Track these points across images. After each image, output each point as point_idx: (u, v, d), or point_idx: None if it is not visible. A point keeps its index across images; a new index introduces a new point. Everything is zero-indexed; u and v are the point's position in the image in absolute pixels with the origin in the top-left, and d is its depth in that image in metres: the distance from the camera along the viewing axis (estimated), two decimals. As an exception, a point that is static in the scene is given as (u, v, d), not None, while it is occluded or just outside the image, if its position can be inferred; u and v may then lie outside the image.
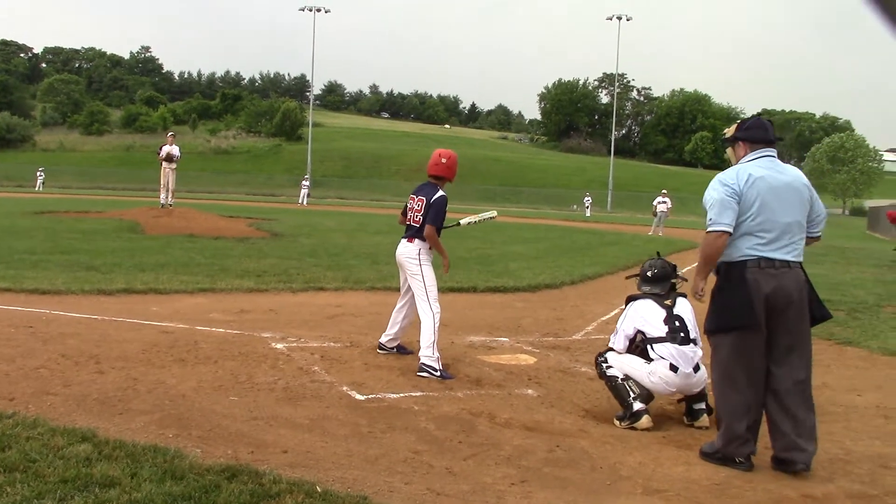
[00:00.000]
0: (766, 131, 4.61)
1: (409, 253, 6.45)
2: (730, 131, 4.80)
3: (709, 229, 4.44)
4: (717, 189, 4.43)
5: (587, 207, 57.26)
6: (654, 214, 32.13)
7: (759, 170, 4.43)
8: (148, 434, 4.23)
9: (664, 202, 31.59)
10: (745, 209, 4.36)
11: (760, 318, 4.31)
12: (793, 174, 4.52)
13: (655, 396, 5.35)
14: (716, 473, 4.29)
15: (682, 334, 5.21)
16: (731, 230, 4.35)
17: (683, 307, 5.44)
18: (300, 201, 48.39)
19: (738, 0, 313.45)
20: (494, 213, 7.62)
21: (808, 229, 4.53)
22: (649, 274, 5.61)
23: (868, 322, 9.80)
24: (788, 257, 4.37)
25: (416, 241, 6.44)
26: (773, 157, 4.56)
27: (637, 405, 5.20)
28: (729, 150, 4.80)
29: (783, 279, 4.33)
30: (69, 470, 3.48)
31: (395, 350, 6.77)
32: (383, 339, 6.79)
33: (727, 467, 4.37)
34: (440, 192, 6.45)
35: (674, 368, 5.12)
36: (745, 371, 4.39)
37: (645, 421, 5.15)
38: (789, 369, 4.39)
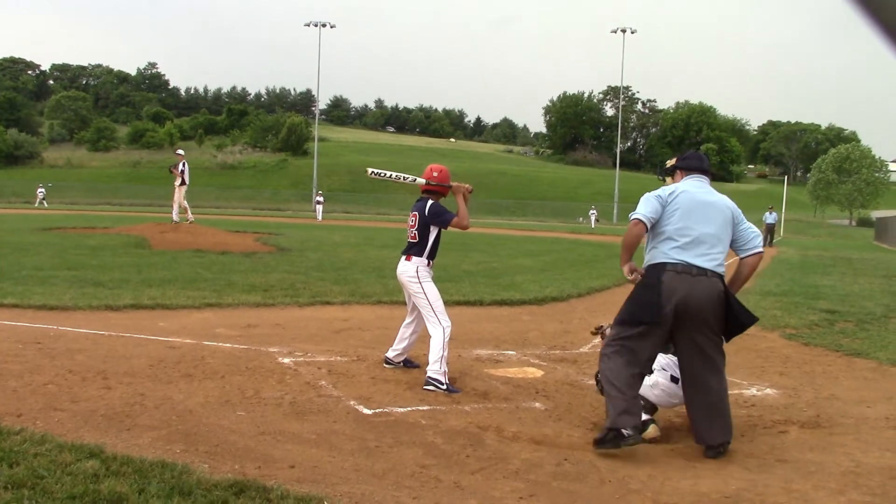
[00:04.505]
0: (700, 161, 5.21)
1: (408, 272, 6.44)
2: (671, 162, 5.38)
3: (630, 217, 4.95)
4: (647, 195, 4.95)
5: (593, 220, 57.45)
6: None
7: (686, 186, 4.97)
8: (155, 450, 4.22)
9: None
10: (667, 216, 4.84)
11: (666, 319, 4.67)
12: (718, 197, 5.00)
13: (660, 409, 5.34)
14: (725, 486, 4.26)
15: None
16: (645, 220, 4.81)
17: None
18: (318, 216, 48.22)
19: (743, 11, 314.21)
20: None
21: (742, 247, 4.98)
22: None
23: (877, 333, 9.75)
24: (705, 265, 4.73)
25: (414, 258, 6.43)
26: (704, 181, 5.08)
27: (643, 416, 5.18)
28: (668, 179, 5.36)
29: (697, 286, 4.68)
30: (77, 486, 3.47)
31: (401, 364, 6.76)
32: (390, 354, 6.77)
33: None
34: (430, 201, 6.46)
35: (675, 380, 5.12)
36: (637, 357, 4.77)
37: (652, 430, 5.13)
38: (700, 373, 4.79)
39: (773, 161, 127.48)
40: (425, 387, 6.09)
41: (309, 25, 74.11)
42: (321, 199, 51.82)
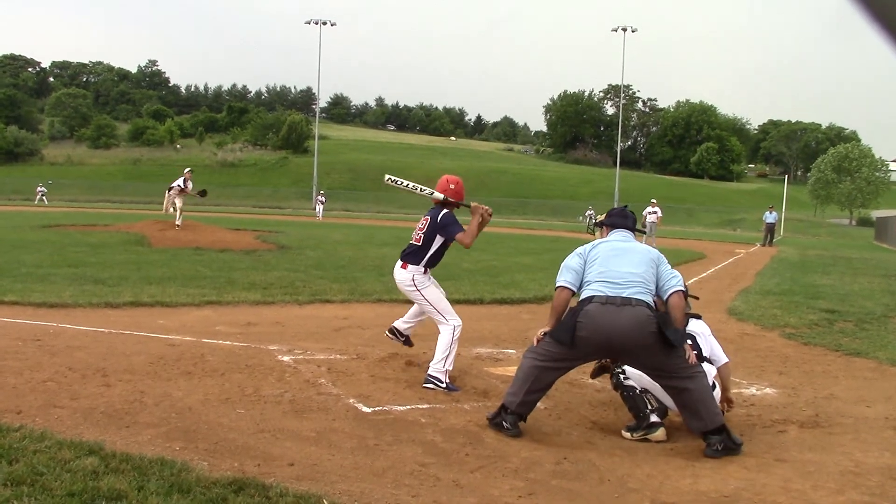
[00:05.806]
0: (625, 219, 5.56)
1: (405, 281, 6.33)
2: (600, 218, 5.86)
3: (555, 286, 5.32)
4: (569, 256, 5.35)
5: (589, 219, 57.10)
6: (644, 226, 30.97)
7: (608, 239, 5.42)
8: (155, 447, 4.22)
9: (654, 212, 30.40)
10: (589, 266, 5.20)
11: (580, 343, 4.92)
12: (640, 246, 5.39)
13: (669, 413, 5.35)
14: (724, 485, 4.26)
15: (694, 352, 5.22)
16: (569, 286, 5.21)
17: (696, 326, 5.48)
18: (318, 215, 47.68)
19: (744, 10, 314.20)
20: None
21: (661, 287, 5.13)
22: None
23: (876, 333, 9.75)
24: (629, 295, 4.93)
25: (410, 266, 6.30)
26: (628, 235, 5.44)
27: (653, 417, 5.19)
28: (598, 232, 5.93)
29: (622, 315, 4.86)
30: (76, 483, 3.47)
31: (402, 339, 6.67)
32: (399, 325, 6.65)
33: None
34: (444, 210, 6.37)
35: None
36: (544, 367, 5.09)
37: (660, 433, 5.14)
38: (671, 383, 4.95)
39: (773, 160, 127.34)
40: (425, 385, 6.08)
41: (310, 23, 73.93)
42: (323, 198, 51.04)
